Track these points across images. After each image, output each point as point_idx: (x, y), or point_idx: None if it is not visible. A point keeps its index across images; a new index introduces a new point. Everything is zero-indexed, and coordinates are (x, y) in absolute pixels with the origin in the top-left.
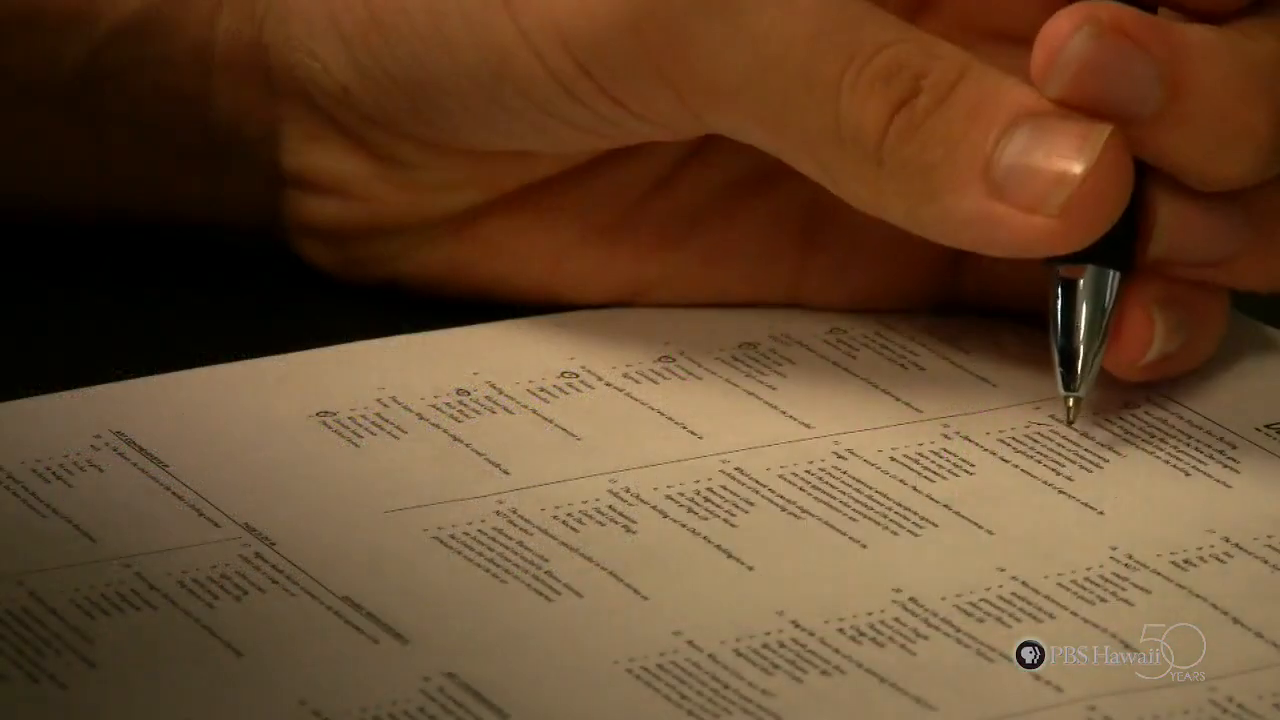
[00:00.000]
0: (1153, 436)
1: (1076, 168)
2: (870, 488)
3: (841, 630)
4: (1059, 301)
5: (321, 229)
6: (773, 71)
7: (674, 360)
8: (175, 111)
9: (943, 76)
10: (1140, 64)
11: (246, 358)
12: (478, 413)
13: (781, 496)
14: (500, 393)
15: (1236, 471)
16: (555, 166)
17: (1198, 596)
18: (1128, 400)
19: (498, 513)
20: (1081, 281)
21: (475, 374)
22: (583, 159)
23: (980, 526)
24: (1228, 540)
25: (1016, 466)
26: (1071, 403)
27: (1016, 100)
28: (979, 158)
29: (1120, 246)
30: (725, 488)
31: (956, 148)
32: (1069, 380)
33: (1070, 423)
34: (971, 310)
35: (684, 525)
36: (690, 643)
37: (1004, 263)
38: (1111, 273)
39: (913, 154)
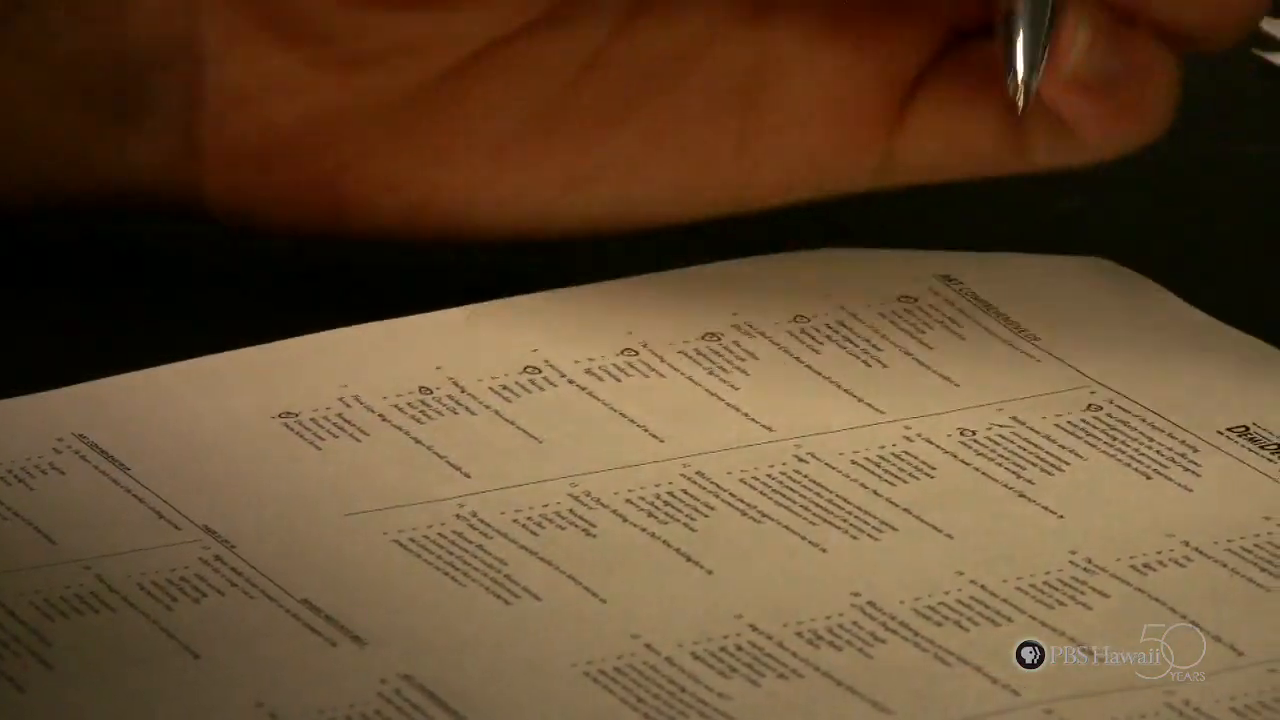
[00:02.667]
0: (1114, 439)
1: None
2: (831, 492)
3: (800, 634)
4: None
5: (250, 152)
6: None
7: (637, 354)
8: (87, 40)
9: None
10: None
11: (206, 354)
12: (440, 414)
13: (742, 501)
14: (463, 391)
15: (1197, 475)
16: (480, 33)
17: (1157, 600)
18: (1091, 403)
19: (458, 516)
20: None
21: (438, 369)
22: (508, 26)
23: (940, 530)
24: (1188, 544)
25: (977, 469)
26: (1020, 90)
27: None
28: None
29: None
30: (686, 491)
31: None
32: (1015, 70)
33: (1019, 109)
34: (907, 184)
35: (644, 529)
36: (648, 646)
37: (946, 118)
38: None
39: None
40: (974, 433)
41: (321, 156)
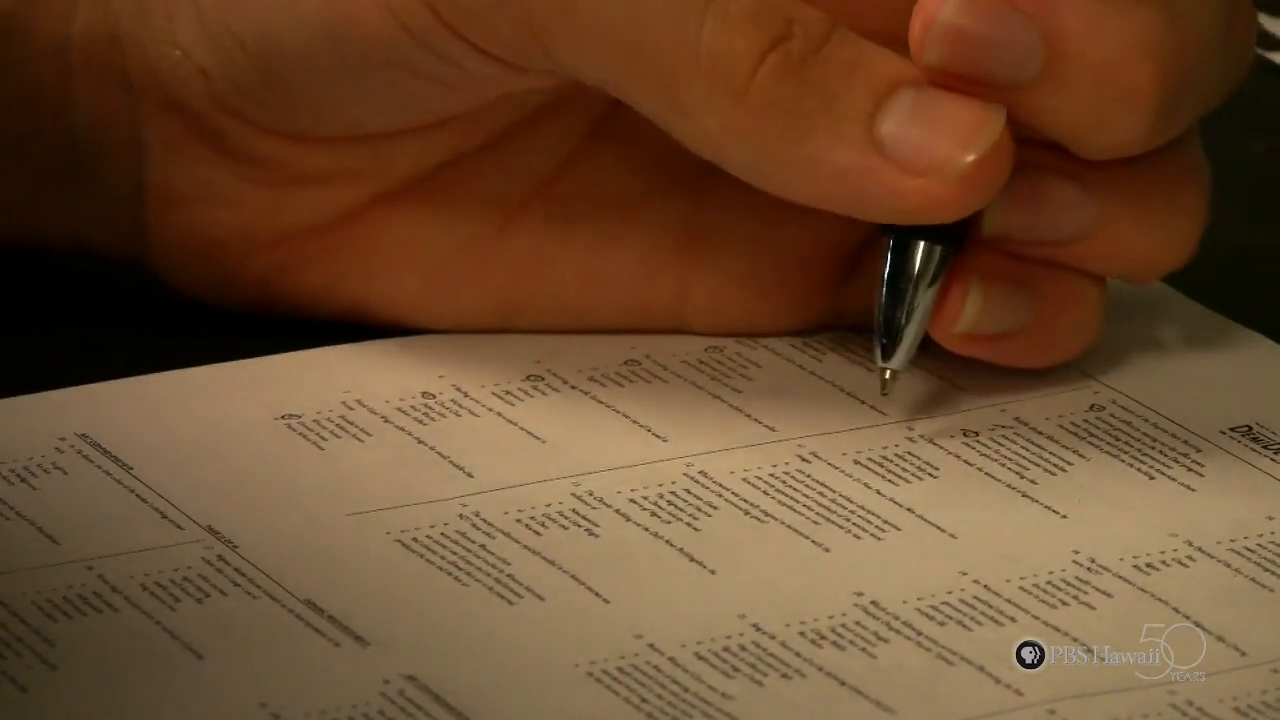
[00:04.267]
0: (1117, 439)
1: (975, 149)
2: (834, 491)
3: (803, 634)
4: (887, 272)
5: (188, 247)
6: None
7: (640, 364)
8: (35, 122)
9: (815, 27)
10: (1018, 26)
11: (212, 362)
12: (442, 415)
13: (745, 500)
14: (465, 395)
15: (1200, 475)
16: (418, 161)
17: (1160, 600)
18: (1094, 403)
19: (461, 516)
20: (917, 255)
21: (440, 377)
22: (447, 154)
23: (943, 530)
24: (1190, 544)
25: (980, 470)
26: (888, 375)
27: (894, 67)
28: (861, 112)
29: (959, 225)
30: (689, 491)
31: (836, 97)
32: (888, 352)
33: (884, 394)
34: (853, 330)
35: (646, 529)
36: (651, 646)
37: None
38: (937, 250)
39: (788, 96)
40: (977, 433)
41: (255, 260)
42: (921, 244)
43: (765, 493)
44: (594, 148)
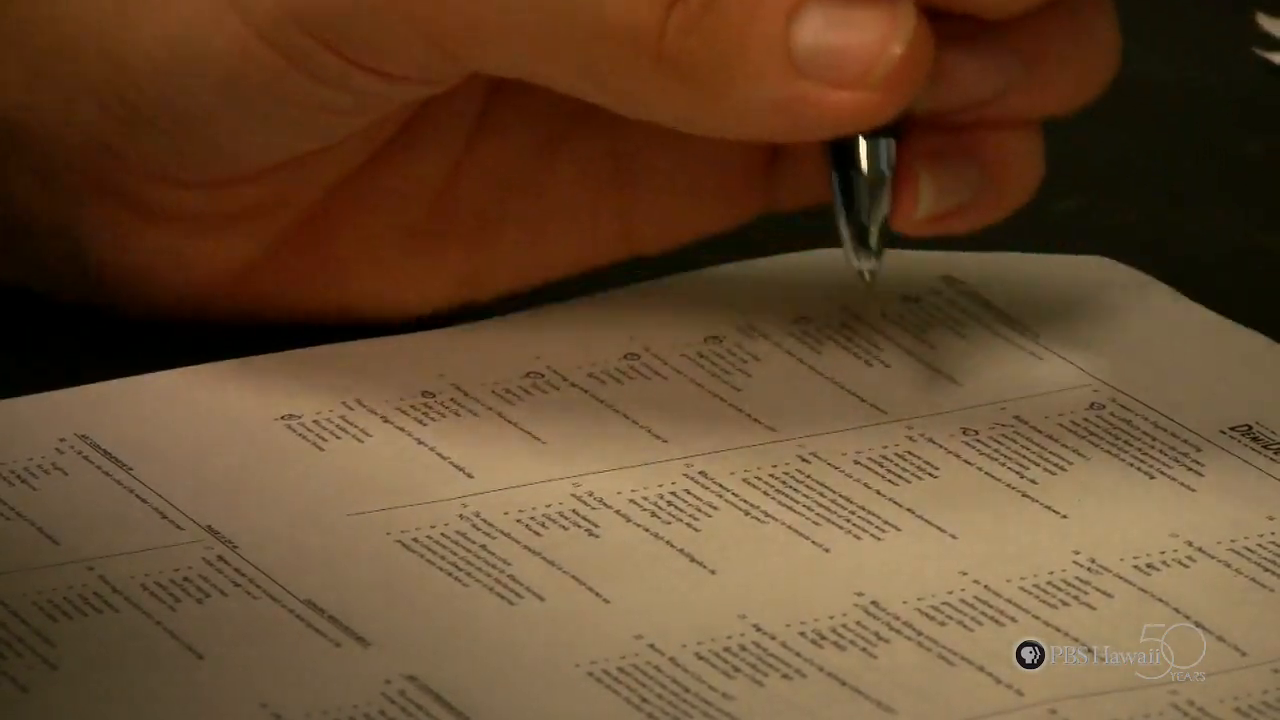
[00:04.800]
0: (1117, 439)
1: (895, 47)
2: (834, 492)
3: (803, 634)
4: (837, 177)
5: (137, 302)
6: None
7: (639, 358)
8: None
9: None
10: None
11: (211, 362)
12: (442, 415)
13: (745, 501)
14: (465, 395)
15: (1200, 475)
16: (337, 172)
17: (1160, 600)
18: (1094, 402)
19: (461, 516)
20: (861, 152)
21: (440, 376)
22: (361, 159)
23: (943, 530)
24: (1191, 544)
25: (980, 469)
26: (867, 275)
27: None
28: (775, 37)
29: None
30: (689, 492)
31: (746, 34)
32: (861, 252)
33: (869, 292)
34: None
35: (647, 529)
36: (651, 646)
37: (812, 155)
38: (884, 143)
39: (698, 47)
40: (977, 432)
41: (213, 299)
42: (863, 141)
43: (765, 493)
44: (499, 108)
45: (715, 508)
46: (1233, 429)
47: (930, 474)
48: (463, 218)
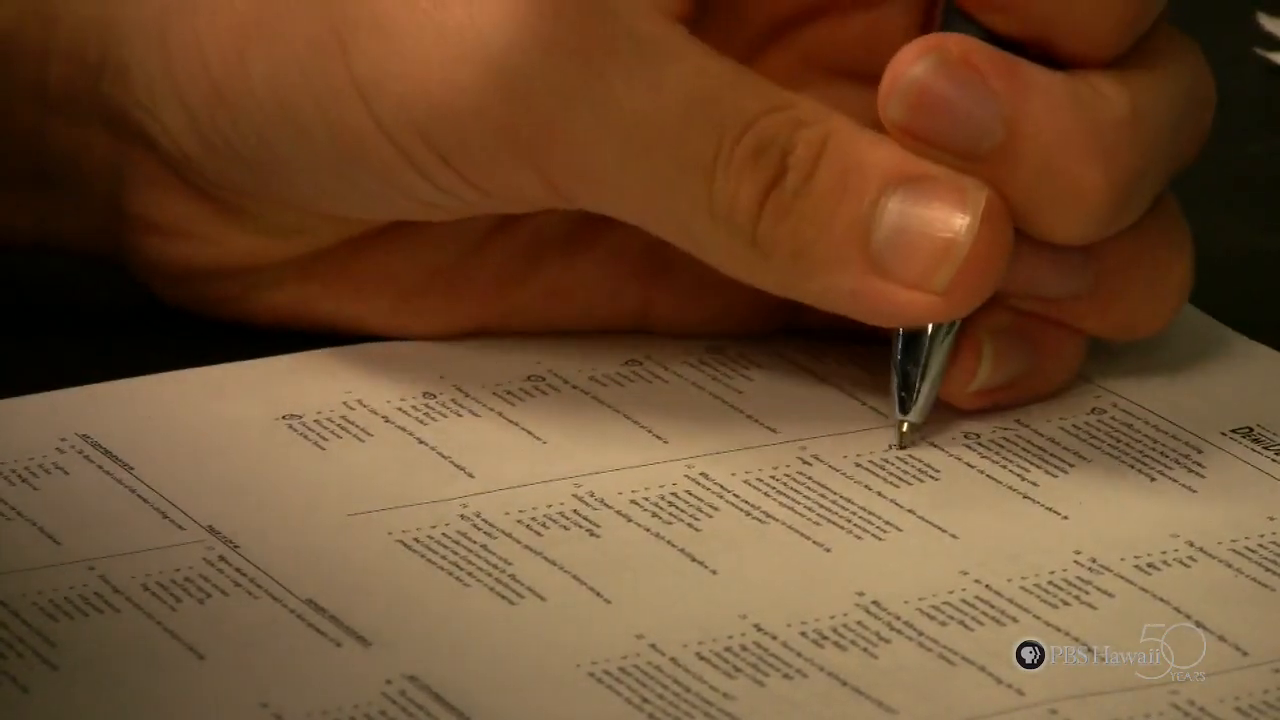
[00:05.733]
0: (1118, 441)
1: (959, 235)
2: (835, 493)
3: (804, 634)
4: (900, 333)
5: (163, 269)
6: (644, 156)
7: (641, 364)
8: (9, 142)
9: (807, 151)
10: (983, 97)
11: (213, 363)
12: (443, 416)
13: (746, 501)
14: (466, 395)
15: (1201, 476)
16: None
17: (1161, 600)
18: (1095, 405)
19: (462, 516)
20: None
21: (442, 378)
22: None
23: (944, 531)
24: (1192, 544)
25: (981, 471)
26: (905, 427)
27: (883, 163)
28: (855, 233)
29: None
30: (690, 492)
31: (829, 225)
32: (905, 404)
33: (902, 448)
34: (814, 335)
35: (648, 529)
36: (652, 646)
37: None
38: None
39: (786, 235)
40: (978, 435)
41: (228, 283)
42: None
43: (766, 494)
44: None
45: (716, 508)
46: (1233, 430)
47: (931, 476)
48: (489, 272)
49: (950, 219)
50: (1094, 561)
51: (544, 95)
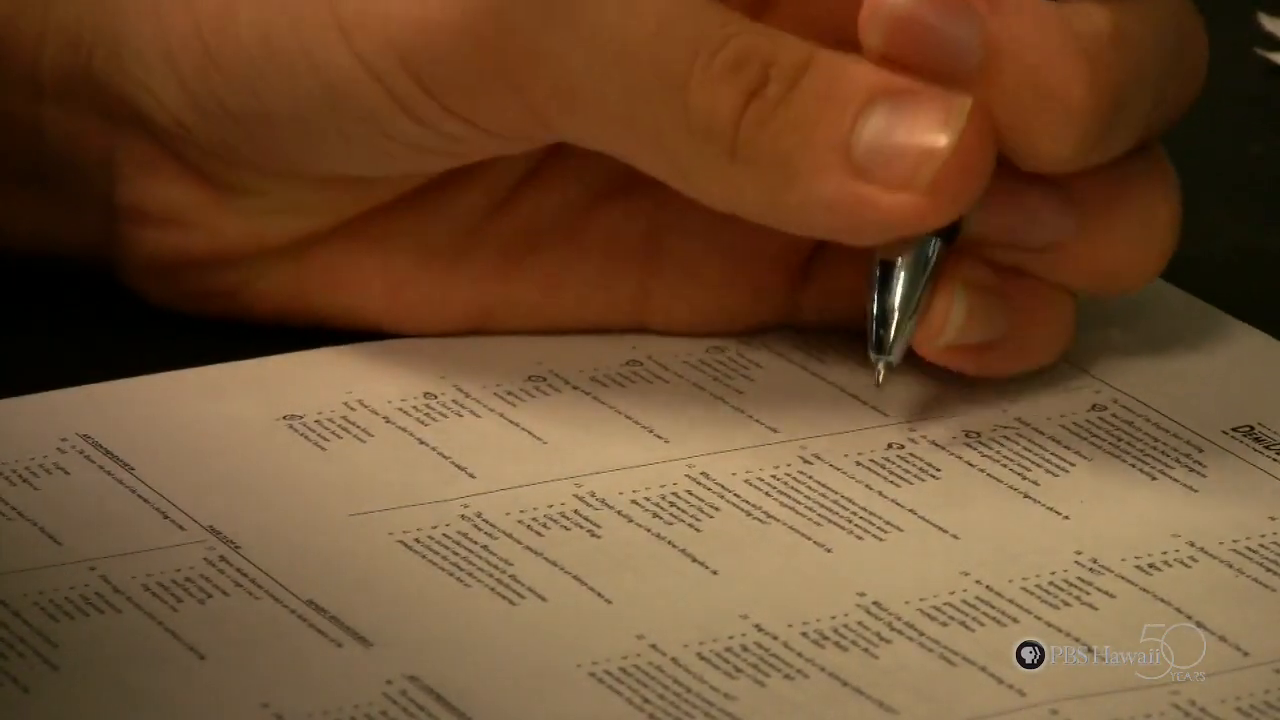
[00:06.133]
0: (1119, 440)
1: (941, 141)
2: (836, 492)
3: (805, 634)
4: (878, 264)
5: (158, 262)
6: (620, 69)
7: (641, 364)
8: (6, 140)
9: (790, 62)
10: (961, 19)
11: (213, 362)
12: (444, 416)
13: (747, 501)
14: (467, 396)
15: (1202, 475)
16: (395, 190)
17: (1162, 600)
18: (1095, 402)
19: (463, 516)
20: (899, 251)
21: (442, 378)
22: (421, 182)
23: (945, 531)
24: (1193, 544)
25: (982, 470)
26: (881, 366)
27: (868, 79)
28: (837, 140)
29: None
30: (690, 492)
31: (812, 132)
32: (881, 343)
33: (878, 385)
34: (812, 329)
35: (649, 530)
36: (653, 646)
37: (843, 278)
38: (933, 241)
39: (767, 142)
40: (979, 434)
41: (223, 275)
42: (913, 238)
43: (767, 494)
44: (556, 161)
45: (717, 508)
46: (1235, 429)
47: (932, 475)
48: (487, 258)
49: (935, 123)
50: (1095, 562)
51: (522, 17)
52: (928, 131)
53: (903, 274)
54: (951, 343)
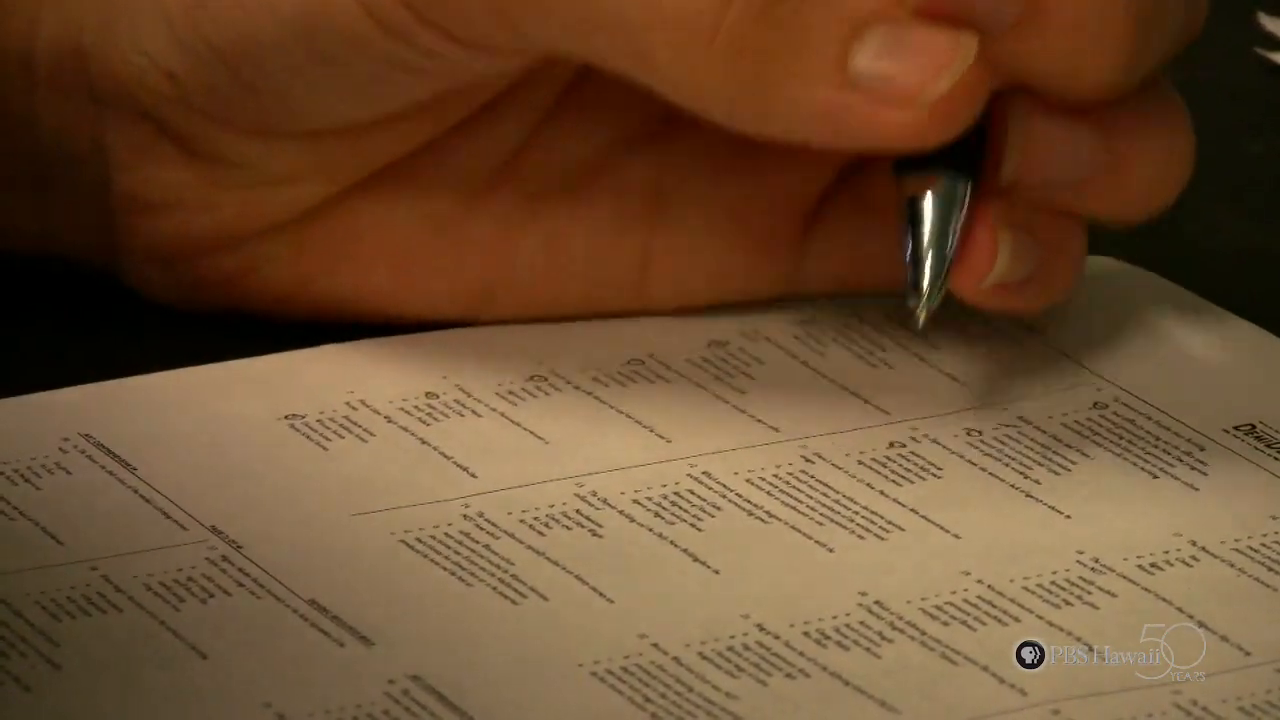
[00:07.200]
0: (1121, 438)
1: (944, 80)
2: (838, 492)
3: (807, 633)
4: (909, 210)
5: (158, 250)
6: None
7: (643, 363)
8: (3, 140)
9: None
10: None
11: (215, 361)
12: (446, 415)
13: (749, 501)
14: (469, 395)
15: (1204, 474)
16: (391, 150)
17: (1164, 600)
18: (1097, 400)
19: (464, 516)
20: (930, 191)
21: (444, 377)
22: (419, 141)
23: (947, 530)
24: (1194, 544)
25: (984, 470)
26: (923, 310)
27: (868, 1)
28: (832, 50)
29: (970, 153)
30: (692, 492)
31: (808, 35)
32: (917, 287)
33: (919, 331)
34: (815, 295)
35: (650, 529)
36: (655, 645)
37: (848, 239)
38: (961, 182)
39: (756, 36)
40: (980, 432)
41: (224, 262)
42: (940, 179)
43: (769, 493)
44: (558, 119)
45: (719, 508)
46: (1236, 428)
47: (934, 474)
48: (490, 225)
49: (934, 62)
50: (1096, 561)
51: None
52: (931, 63)
53: (932, 214)
54: (1000, 279)
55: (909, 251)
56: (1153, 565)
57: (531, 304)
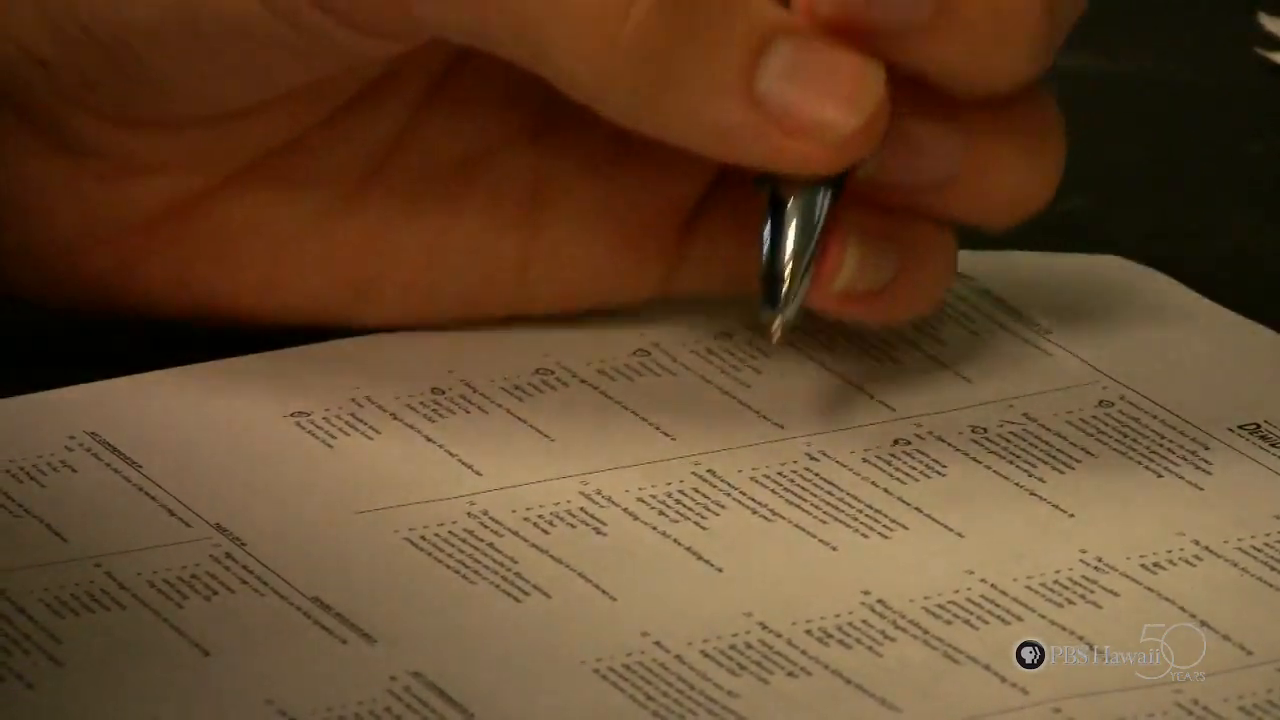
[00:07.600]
0: (1125, 437)
1: (852, 120)
2: (842, 490)
3: (809, 632)
4: (768, 220)
5: (27, 247)
6: None
7: (649, 354)
8: None
9: None
10: None
11: (220, 358)
12: (451, 412)
13: (752, 499)
14: (475, 391)
15: (1208, 474)
16: (263, 141)
17: (1167, 599)
18: (1102, 399)
19: (469, 514)
20: (791, 200)
21: (450, 372)
22: (291, 132)
23: (950, 529)
24: (1198, 543)
25: (988, 468)
26: (777, 323)
27: (775, 13)
28: (740, 65)
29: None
30: (697, 490)
31: (714, 48)
32: (772, 298)
33: (773, 342)
34: (690, 297)
35: (654, 527)
36: (658, 643)
37: (727, 243)
38: (822, 191)
39: (662, 42)
40: (985, 430)
41: (96, 258)
42: (802, 186)
43: (773, 491)
44: (433, 112)
45: (723, 506)
46: (1241, 427)
47: (938, 472)
48: (368, 220)
49: (843, 93)
50: (1100, 560)
51: None
52: (836, 101)
53: (794, 225)
54: (846, 289)
55: (764, 263)
56: (1156, 565)
57: (410, 303)
